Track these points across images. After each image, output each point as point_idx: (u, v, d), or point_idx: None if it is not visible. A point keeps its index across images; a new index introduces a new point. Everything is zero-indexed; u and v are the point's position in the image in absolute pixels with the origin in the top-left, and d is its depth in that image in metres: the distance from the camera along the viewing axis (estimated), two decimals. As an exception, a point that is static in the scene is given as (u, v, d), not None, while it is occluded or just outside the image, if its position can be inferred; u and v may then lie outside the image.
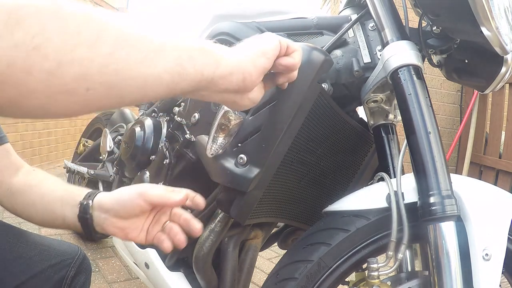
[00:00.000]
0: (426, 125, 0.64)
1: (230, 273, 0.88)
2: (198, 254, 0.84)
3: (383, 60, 0.71)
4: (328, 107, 0.76)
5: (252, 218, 0.78)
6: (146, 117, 1.14)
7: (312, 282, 0.67)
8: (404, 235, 0.62)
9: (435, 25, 0.76)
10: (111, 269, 1.76)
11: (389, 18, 0.73)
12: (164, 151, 1.01)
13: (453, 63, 0.83)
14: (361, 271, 0.74)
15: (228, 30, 0.86)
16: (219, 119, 0.71)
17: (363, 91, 0.78)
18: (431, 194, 0.60)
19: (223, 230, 0.82)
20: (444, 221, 0.59)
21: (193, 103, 0.91)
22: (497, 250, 0.59)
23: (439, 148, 0.63)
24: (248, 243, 0.93)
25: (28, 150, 3.27)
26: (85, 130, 2.20)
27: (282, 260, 0.72)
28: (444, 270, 0.58)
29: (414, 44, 0.71)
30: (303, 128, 0.73)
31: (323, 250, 0.67)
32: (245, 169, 0.69)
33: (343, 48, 0.81)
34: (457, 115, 2.52)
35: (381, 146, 0.80)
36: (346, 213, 0.69)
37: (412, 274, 0.70)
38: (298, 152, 0.78)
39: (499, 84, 0.76)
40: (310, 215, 0.91)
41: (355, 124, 0.84)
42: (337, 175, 0.90)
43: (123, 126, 1.64)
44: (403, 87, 0.67)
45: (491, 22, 0.61)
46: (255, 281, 1.73)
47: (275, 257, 2.02)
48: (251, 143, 0.70)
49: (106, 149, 1.48)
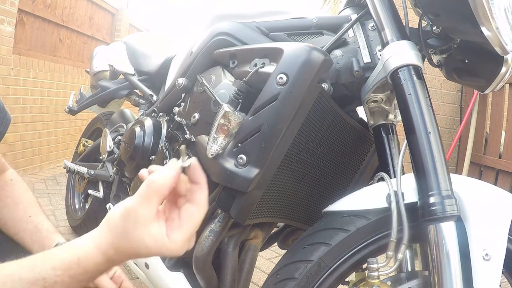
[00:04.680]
0: (426, 125, 0.64)
1: (230, 273, 0.88)
2: (198, 254, 0.83)
3: (383, 60, 0.71)
4: (328, 107, 0.76)
5: (252, 218, 0.78)
6: (146, 117, 1.14)
7: (312, 282, 0.67)
8: (404, 235, 0.62)
9: (435, 25, 0.76)
10: (111, 269, 1.76)
11: (389, 18, 0.73)
12: (164, 151, 1.01)
13: (453, 63, 0.83)
14: (361, 271, 0.74)
15: (228, 30, 0.86)
16: (219, 119, 0.71)
17: (363, 91, 0.78)
18: (431, 194, 0.60)
19: (223, 230, 0.82)
20: (444, 221, 0.59)
21: (193, 103, 0.91)
22: (497, 250, 0.59)
23: (439, 148, 0.63)
24: (248, 243, 0.93)
25: (28, 150, 3.26)
26: (85, 130, 2.20)
27: (282, 260, 0.72)
28: (444, 270, 0.58)
29: (414, 44, 0.71)
30: (303, 128, 0.73)
31: (323, 250, 0.67)
32: (245, 169, 0.69)
33: (343, 48, 0.81)
34: (457, 115, 2.52)
35: (381, 146, 0.80)
36: (346, 213, 0.69)
37: (412, 274, 0.70)
38: (298, 152, 0.78)
39: (499, 84, 0.76)
40: (310, 215, 0.91)
41: (355, 124, 0.84)
42: (337, 175, 0.90)
43: (123, 126, 1.64)
44: (403, 87, 0.67)
45: (491, 22, 0.61)
46: (255, 281, 1.73)
47: (275, 257, 2.02)
48: (251, 143, 0.70)
49: (106, 149, 1.48)
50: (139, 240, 0.45)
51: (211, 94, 0.81)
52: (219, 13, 0.99)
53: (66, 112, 1.98)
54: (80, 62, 4.19)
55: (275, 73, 0.69)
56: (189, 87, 0.94)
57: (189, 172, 0.49)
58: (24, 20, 3.21)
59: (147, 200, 0.45)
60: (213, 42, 0.89)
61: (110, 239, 0.46)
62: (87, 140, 2.07)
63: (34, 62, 3.27)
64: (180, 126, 0.97)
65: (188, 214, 0.47)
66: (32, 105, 3.24)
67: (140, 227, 0.45)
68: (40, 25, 3.46)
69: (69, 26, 3.90)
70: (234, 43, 0.85)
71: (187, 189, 0.49)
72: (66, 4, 3.83)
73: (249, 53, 0.79)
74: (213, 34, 0.89)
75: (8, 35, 2.89)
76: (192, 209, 0.48)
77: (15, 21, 2.96)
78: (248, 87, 0.75)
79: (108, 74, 1.81)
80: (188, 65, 0.97)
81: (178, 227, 0.47)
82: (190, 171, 0.48)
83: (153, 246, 0.45)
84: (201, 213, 0.48)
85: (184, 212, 0.48)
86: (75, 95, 1.99)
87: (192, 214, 0.47)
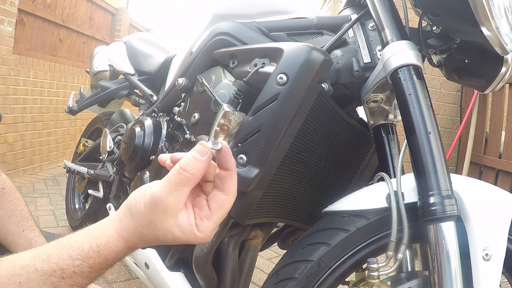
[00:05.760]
0: (426, 125, 0.64)
1: (230, 273, 0.88)
2: (198, 254, 0.83)
3: (383, 60, 0.71)
4: (328, 107, 0.76)
5: (252, 218, 0.78)
6: (146, 117, 1.13)
7: (312, 282, 0.67)
8: (404, 235, 0.62)
9: (435, 25, 0.76)
10: (111, 269, 1.75)
11: (389, 18, 0.73)
12: (164, 151, 1.01)
13: (453, 63, 0.83)
14: (361, 271, 0.74)
15: (228, 30, 0.86)
16: (219, 119, 0.71)
17: (363, 91, 0.78)
18: (431, 194, 0.60)
19: (223, 230, 0.82)
20: (444, 221, 0.59)
21: (193, 103, 0.91)
22: (497, 250, 0.59)
23: (439, 148, 0.63)
24: (248, 243, 0.93)
25: (28, 150, 3.27)
26: (85, 130, 2.20)
27: (282, 260, 0.72)
28: (444, 270, 0.58)
29: (414, 44, 0.71)
30: (303, 128, 0.73)
31: (323, 250, 0.67)
32: (245, 169, 0.69)
33: (343, 48, 0.81)
34: (457, 115, 2.52)
35: (381, 146, 0.80)
36: (346, 213, 0.69)
37: (412, 274, 0.70)
38: (298, 152, 0.78)
39: (499, 84, 0.76)
40: (310, 215, 0.91)
41: (355, 124, 0.84)
42: (337, 175, 0.90)
43: (123, 126, 1.64)
44: (403, 87, 0.67)
45: (491, 22, 0.61)
46: (255, 281, 1.73)
47: (275, 257, 2.02)
48: (251, 143, 0.70)
49: (106, 149, 1.48)
50: (166, 230, 0.43)
51: (211, 94, 0.81)
52: (219, 13, 0.99)
53: (66, 112, 1.98)
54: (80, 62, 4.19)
55: (275, 73, 0.69)
56: (189, 87, 0.94)
57: (220, 157, 0.45)
58: (24, 20, 3.21)
59: (177, 189, 0.42)
60: (213, 42, 0.89)
61: (134, 228, 0.44)
62: (87, 140, 2.07)
63: (34, 62, 3.27)
64: (180, 126, 0.97)
65: (219, 203, 0.45)
66: (32, 105, 3.24)
67: (168, 218, 0.42)
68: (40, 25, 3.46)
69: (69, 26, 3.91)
70: (234, 43, 0.85)
71: (215, 175, 0.46)
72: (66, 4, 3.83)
73: (249, 53, 0.79)
74: (213, 34, 0.89)
75: (8, 35, 2.89)
76: (223, 197, 0.45)
77: (15, 21, 2.96)
78: (248, 87, 0.75)
79: (108, 74, 1.81)
80: (188, 65, 0.97)
81: (208, 216, 0.44)
82: (220, 155, 0.45)
83: (181, 236, 0.43)
84: (231, 202, 0.46)
85: (213, 200, 0.45)
86: (75, 95, 1.99)
87: (223, 203, 0.45)
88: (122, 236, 0.44)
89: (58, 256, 0.43)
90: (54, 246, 0.44)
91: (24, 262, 0.43)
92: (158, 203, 0.42)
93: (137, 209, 0.43)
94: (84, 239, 0.44)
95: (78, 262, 0.43)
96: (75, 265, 0.42)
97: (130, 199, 0.45)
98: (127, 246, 0.44)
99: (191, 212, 0.44)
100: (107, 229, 0.45)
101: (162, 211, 0.42)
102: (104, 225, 0.45)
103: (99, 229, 0.45)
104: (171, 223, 0.43)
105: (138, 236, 0.44)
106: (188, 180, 0.42)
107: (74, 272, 0.42)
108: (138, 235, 0.44)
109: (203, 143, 0.44)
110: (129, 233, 0.44)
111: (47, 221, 2.27)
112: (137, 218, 0.43)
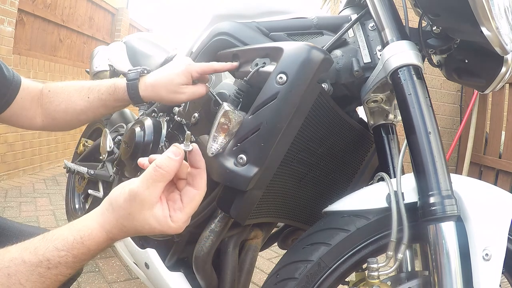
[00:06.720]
0: (426, 125, 0.64)
1: (230, 273, 0.88)
2: (198, 254, 0.83)
3: (383, 60, 0.71)
4: (328, 107, 0.76)
5: (252, 218, 0.78)
6: (146, 117, 1.13)
7: (312, 282, 0.67)
8: (404, 235, 0.62)
9: (435, 25, 0.76)
10: (111, 269, 1.76)
11: (389, 18, 0.73)
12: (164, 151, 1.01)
13: (453, 63, 0.83)
14: (361, 271, 0.74)
15: (228, 30, 0.86)
16: (220, 118, 0.71)
17: (363, 91, 0.78)
18: (431, 194, 0.60)
19: (223, 230, 0.82)
20: (444, 221, 0.59)
21: (193, 103, 0.91)
22: (497, 250, 0.59)
23: (439, 148, 0.63)
24: (248, 243, 0.93)
25: (28, 150, 3.27)
26: (85, 130, 2.20)
27: (282, 260, 0.72)
28: (444, 270, 0.58)
29: (414, 44, 0.71)
30: (303, 128, 0.73)
31: (323, 250, 0.67)
32: (244, 168, 0.69)
33: (343, 48, 0.81)
34: (457, 115, 2.52)
35: (381, 146, 0.80)
36: (346, 213, 0.69)
37: (412, 274, 0.70)
38: (298, 152, 0.78)
39: (499, 84, 0.76)
40: (310, 215, 0.91)
41: (355, 124, 0.84)
42: (337, 175, 0.90)
43: (123, 126, 1.64)
44: (403, 87, 0.67)
45: (491, 22, 0.61)
46: (255, 281, 1.73)
47: (275, 257, 2.02)
48: (250, 142, 0.69)
49: (106, 149, 1.48)
50: (143, 221, 0.48)
51: (211, 94, 0.81)
52: (219, 13, 0.99)
53: (66, 112, 1.98)
54: (80, 62, 4.19)
55: (275, 72, 0.69)
56: (189, 87, 0.94)
57: (191, 157, 0.52)
58: (24, 20, 3.21)
59: (153, 184, 0.47)
60: (213, 42, 0.89)
61: (114, 220, 0.48)
62: (87, 140, 2.07)
63: (34, 62, 3.27)
64: (180, 126, 0.97)
65: (190, 197, 0.51)
66: (32, 105, 3.23)
67: (145, 210, 0.48)
68: (40, 25, 3.46)
69: (69, 26, 3.91)
70: (234, 43, 0.85)
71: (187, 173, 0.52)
72: (66, 4, 3.84)
73: (250, 53, 0.79)
74: (213, 34, 0.89)
75: (8, 35, 2.89)
76: (194, 192, 0.51)
77: (15, 21, 2.96)
78: (249, 87, 0.75)
79: (108, 74, 1.81)
80: (188, 65, 0.97)
81: (180, 209, 0.50)
82: (191, 156, 0.52)
83: (156, 226, 0.48)
84: (201, 196, 0.52)
85: (185, 195, 0.51)
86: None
87: (194, 197, 0.51)
88: (104, 228, 0.48)
89: (44, 248, 0.46)
90: (40, 240, 0.48)
91: (12, 255, 0.46)
92: (136, 197, 0.47)
93: (117, 203, 0.48)
94: (69, 231, 0.48)
95: (63, 253, 0.46)
96: (60, 255, 0.46)
97: (111, 195, 0.50)
98: (108, 237, 0.49)
99: (166, 205, 0.50)
100: (90, 222, 0.49)
101: (140, 204, 0.47)
102: (87, 218, 0.50)
103: (82, 222, 0.49)
104: (148, 215, 0.48)
105: (118, 228, 0.49)
106: (163, 176, 0.48)
107: (60, 262, 0.46)
108: (119, 226, 0.48)
109: (177, 145, 0.51)
110: (111, 225, 0.48)
111: (47, 221, 2.27)
112: (118, 211, 0.48)
